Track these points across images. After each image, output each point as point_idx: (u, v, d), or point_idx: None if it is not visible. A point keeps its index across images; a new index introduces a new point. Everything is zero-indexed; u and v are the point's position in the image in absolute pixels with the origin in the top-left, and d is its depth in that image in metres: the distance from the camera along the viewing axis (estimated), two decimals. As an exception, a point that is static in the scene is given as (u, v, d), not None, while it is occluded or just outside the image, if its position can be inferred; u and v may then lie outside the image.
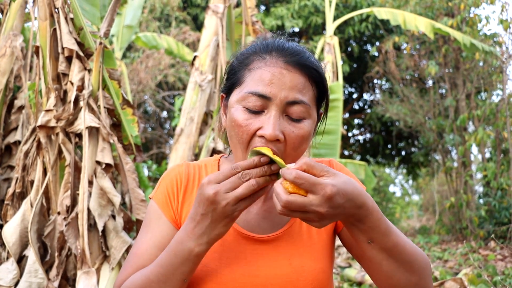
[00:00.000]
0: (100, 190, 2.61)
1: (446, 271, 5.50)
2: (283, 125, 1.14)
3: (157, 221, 1.30)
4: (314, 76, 1.18)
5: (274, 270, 1.22)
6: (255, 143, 1.15)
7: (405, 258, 1.10)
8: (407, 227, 16.27)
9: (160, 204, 1.31)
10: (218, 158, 1.42)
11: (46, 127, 2.80)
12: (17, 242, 2.80)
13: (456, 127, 9.60)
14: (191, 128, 4.46)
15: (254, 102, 1.14)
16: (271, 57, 1.17)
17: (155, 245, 1.26)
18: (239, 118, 1.16)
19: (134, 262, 1.25)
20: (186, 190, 1.32)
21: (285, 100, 1.13)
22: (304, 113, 1.16)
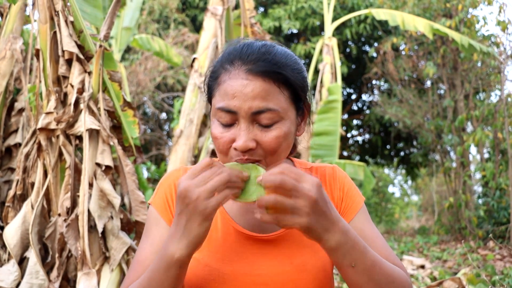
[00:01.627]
0: (100, 192, 2.63)
1: (445, 271, 5.52)
2: (254, 132, 1.16)
3: (156, 226, 1.31)
4: (280, 79, 1.17)
5: (276, 269, 1.24)
6: (231, 154, 1.18)
7: (384, 280, 1.14)
8: (406, 228, 16.29)
9: (159, 209, 1.32)
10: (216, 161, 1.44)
11: (46, 130, 2.81)
12: (18, 243, 2.81)
13: (454, 128, 9.63)
14: (190, 130, 4.47)
15: (224, 118, 1.17)
16: (234, 68, 1.17)
17: (154, 251, 1.28)
18: (215, 132, 1.20)
19: (136, 269, 1.27)
20: None
21: (249, 111, 1.14)
22: (274, 118, 1.16)
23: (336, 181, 1.39)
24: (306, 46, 12.46)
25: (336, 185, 1.38)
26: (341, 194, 1.37)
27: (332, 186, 1.38)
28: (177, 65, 8.19)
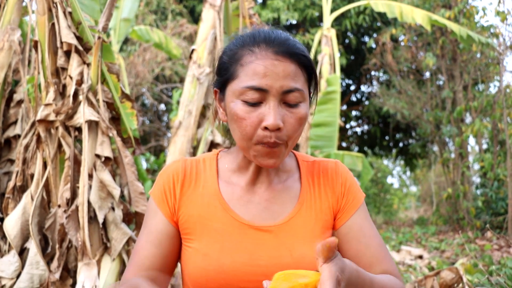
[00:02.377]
0: (100, 183, 2.64)
1: (443, 261, 5.55)
2: (282, 112, 1.19)
3: (154, 217, 1.33)
4: (303, 62, 1.22)
5: (275, 260, 1.25)
6: (259, 135, 1.19)
7: None
8: (404, 218, 16.34)
9: (157, 201, 1.34)
10: (217, 152, 1.45)
11: (45, 121, 2.82)
12: (18, 234, 2.83)
13: (453, 119, 9.64)
14: (189, 121, 4.47)
15: (252, 95, 1.18)
16: (260, 50, 1.20)
17: (149, 241, 1.30)
18: (240, 112, 1.20)
19: (134, 260, 1.30)
20: (183, 186, 1.34)
21: (281, 90, 1.18)
22: (299, 98, 1.21)
23: (338, 176, 1.40)
24: (305, 37, 12.43)
25: (338, 180, 1.39)
26: (343, 190, 1.38)
27: (334, 181, 1.39)
28: (176, 57, 8.17)
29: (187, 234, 1.30)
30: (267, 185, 1.35)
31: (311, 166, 1.41)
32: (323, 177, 1.39)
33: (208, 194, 1.32)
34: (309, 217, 1.32)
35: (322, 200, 1.35)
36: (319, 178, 1.39)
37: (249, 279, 1.24)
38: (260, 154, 1.21)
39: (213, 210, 1.30)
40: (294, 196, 1.34)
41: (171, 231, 1.32)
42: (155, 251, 1.28)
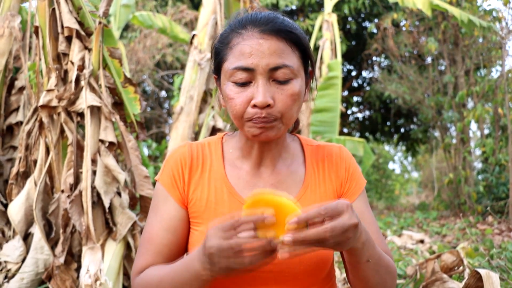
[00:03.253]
0: (104, 168, 2.65)
1: (444, 245, 5.57)
2: (272, 90, 1.20)
3: (164, 203, 1.33)
4: (292, 38, 1.22)
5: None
6: (249, 113, 1.20)
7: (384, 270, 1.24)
8: (406, 204, 16.40)
9: (166, 186, 1.34)
10: (222, 136, 1.45)
11: (48, 107, 2.82)
12: (22, 220, 2.85)
13: (455, 104, 9.61)
14: (191, 107, 4.48)
15: (241, 76, 1.20)
16: (246, 31, 1.21)
17: (164, 228, 1.30)
18: (231, 92, 1.22)
19: (147, 247, 1.30)
20: (191, 170, 1.35)
21: (267, 67, 1.18)
22: (289, 75, 1.21)
23: (342, 161, 1.41)
24: (305, 23, 12.36)
25: (342, 165, 1.40)
26: (346, 175, 1.39)
27: (338, 165, 1.40)
28: (184, 41, 8.02)
29: (195, 218, 1.31)
30: (272, 169, 1.36)
31: (315, 151, 1.42)
32: (327, 162, 1.40)
33: (215, 178, 1.33)
34: (314, 200, 1.33)
35: (327, 184, 1.36)
36: (324, 163, 1.39)
37: None
38: (253, 129, 1.22)
39: (220, 195, 1.31)
40: (299, 180, 1.35)
41: (184, 216, 1.33)
42: (172, 238, 1.29)
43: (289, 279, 1.28)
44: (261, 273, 1.25)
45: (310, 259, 1.27)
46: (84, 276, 2.38)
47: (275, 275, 1.27)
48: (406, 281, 3.33)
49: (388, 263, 1.27)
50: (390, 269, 1.28)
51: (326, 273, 1.34)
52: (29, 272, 2.70)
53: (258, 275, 1.26)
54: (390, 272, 1.28)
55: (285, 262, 1.25)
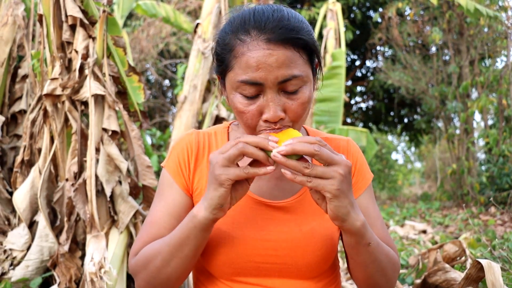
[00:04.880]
0: (107, 156, 2.66)
1: (446, 236, 5.59)
2: (282, 101, 1.16)
3: (170, 189, 1.33)
4: (299, 44, 1.16)
5: (285, 235, 1.27)
6: (261, 126, 1.18)
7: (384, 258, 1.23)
8: (409, 194, 16.40)
9: (172, 173, 1.34)
10: (228, 125, 1.45)
11: (52, 96, 2.82)
12: (27, 208, 2.87)
13: (459, 94, 9.58)
14: (194, 96, 4.47)
15: (249, 90, 1.15)
16: (251, 39, 1.15)
17: (168, 213, 1.30)
18: (239, 105, 1.18)
19: (149, 230, 1.30)
20: (197, 158, 1.35)
21: (276, 81, 1.13)
22: (299, 84, 1.17)
23: (349, 155, 1.40)
24: (310, 11, 12.29)
25: (349, 159, 1.40)
26: (353, 169, 1.38)
27: None
28: (188, 31, 8.00)
29: None
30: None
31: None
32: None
33: None
34: None
35: None
36: None
37: (259, 253, 1.26)
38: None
39: None
40: None
41: (188, 202, 1.33)
42: (175, 223, 1.28)
43: (293, 270, 1.28)
44: (265, 265, 1.26)
45: (314, 252, 1.28)
46: (88, 264, 2.39)
47: (279, 266, 1.27)
48: (408, 270, 3.35)
49: (390, 254, 1.27)
50: (392, 260, 1.28)
51: (329, 264, 1.34)
52: (34, 260, 2.72)
53: (262, 267, 1.27)
54: (392, 263, 1.27)
55: (288, 255, 1.26)
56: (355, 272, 1.28)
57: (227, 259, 1.27)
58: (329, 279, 1.37)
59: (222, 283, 1.31)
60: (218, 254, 1.27)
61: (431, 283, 2.53)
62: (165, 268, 1.21)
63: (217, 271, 1.31)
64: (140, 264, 1.27)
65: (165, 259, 1.21)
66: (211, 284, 1.33)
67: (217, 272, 1.31)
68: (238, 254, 1.26)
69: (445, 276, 2.46)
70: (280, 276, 1.29)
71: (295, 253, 1.27)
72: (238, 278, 1.29)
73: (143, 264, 1.25)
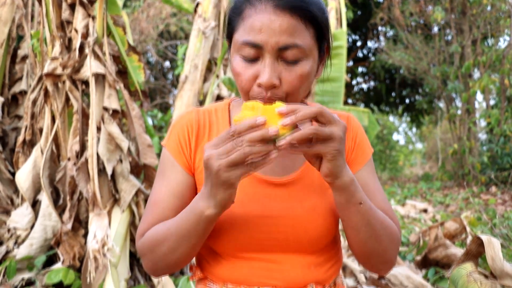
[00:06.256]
0: (108, 135, 2.66)
1: (447, 215, 5.62)
2: (279, 69, 1.15)
3: (171, 169, 1.33)
4: (308, 16, 1.14)
5: (286, 212, 1.27)
6: (254, 91, 1.17)
7: (379, 225, 1.21)
8: (410, 175, 16.43)
9: (173, 152, 1.33)
10: (229, 101, 1.44)
11: (52, 75, 2.82)
12: (30, 187, 2.89)
13: (461, 74, 9.53)
14: (195, 75, 4.45)
15: (248, 51, 1.14)
16: (260, 3, 1.14)
17: (171, 193, 1.30)
18: (238, 67, 1.18)
19: (153, 211, 1.30)
20: (198, 136, 1.34)
21: (276, 46, 1.12)
22: (299, 55, 1.15)
23: (349, 130, 1.39)
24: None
25: (350, 134, 1.39)
26: (353, 144, 1.38)
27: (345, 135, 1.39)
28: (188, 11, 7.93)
29: (201, 185, 1.32)
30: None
31: None
32: None
33: None
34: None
35: None
36: None
37: (261, 230, 1.26)
38: None
39: None
40: None
41: (191, 182, 1.32)
42: (178, 203, 1.28)
43: (295, 246, 1.29)
44: (267, 241, 1.27)
45: (316, 228, 1.28)
46: (91, 242, 2.41)
47: (280, 242, 1.28)
48: (409, 248, 3.37)
49: (386, 222, 1.25)
50: (389, 228, 1.26)
51: (331, 239, 1.35)
52: (38, 238, 2.75)
53: (264, 243, 1.27)
54: (388, 232, 1.25)
55: (291, 231, 1.27)
56: (350, 239, 1.28)
57: (230, 236, 1.27)
58: (330, 253, 1.37)
59: (225, 260, 1.32)
60: (221, 232, 1.27)
61: (431, 258, 2.55)
62: (171, 254, 1.22)
63: (221, 248, 1.31)
64: (146, 247, 1.27)
65: (172, 247, 1.21)
66: (215, 261, 1.34)
67: (220, 249, 1.32)
68: (241, 231, 1.27)
69: (445, 252, 2.48)
70: (283, 251, 1.30)
71: (297, 229, 1.28)
72: (241, 254, 1.30)
73: (149, 248, 1.26)
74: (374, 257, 1.28)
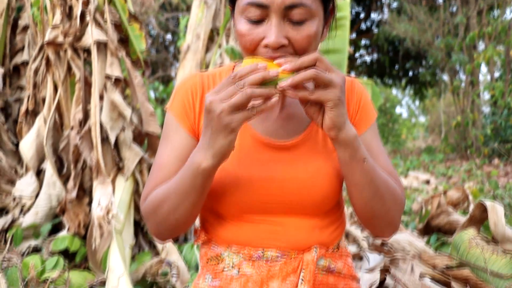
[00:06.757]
0: (111, 104, 2.66)
1: (449, 186, 5.64)
2: (286, 29, 1.13)
3: (176, 133, 1.32)
4: None
5: (291, 174, 1.27)
6: (259, 52, 1.16)
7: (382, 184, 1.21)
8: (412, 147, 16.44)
9: (177, 116, 1.33)
10: (233, 65, 1.43)
11: (54, 44, 2.80)
12: (34, 156, 2.90)
13: (465, 46, 9.44)
14: (197, 45, 4.42)
15: (254, 12, 1.13)
16: None
17: (175, 157, 1.30)
18: (242, 29, 1.16)
19: (157, 175, 1.30)
20: (202, 100, 1.33)
21: (282, 5, 1.11)
22: (305, 15, 1.13)
23: (353, 94, 1.39)
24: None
25: (354, 97, 1.38)
26: (357, 107, 1.37)
27: (349, 98, 1.37)
28: None
29: None
30: (282, 103, 1.34)
31: None
32: None
33: None
34: (323, 133, 1.32)
35: None
36: None
37: (265, 193, 1.27)
38: None
39: None
40: None
41: (195, 145, 1.32)
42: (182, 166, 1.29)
43: (299, 208, 1.29)
44: (271, 204, 1.27)
45: (320, 191, 1.28)
46: (96, 209, 2.43)
47: (285, 205, 1.28)
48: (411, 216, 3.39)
49: (390, 182, 1.24)
50: (392, 190, 1.25)
51: (335, 202, 1.35)
52: (43, 207, 2.77)
53: (268, 206, 1.28)
54: (392, 193, 1.25)
55: (294, 194, 1.27)
56: (353, 198, 1.28)
57: (234, 198, 1.28)
58: (334, 217, 1.38)
59: (229, 222, 1.33)
60: (225, 194, 1.28)
61: (434, 225, 2.57)
62: (172, 214, 1.23)
63: (225, 211, 1.32)
64: (149, 210, 1.28)
65: (172, 207, 1.22)
66: (219, 223, 1.35)
67: (224, 212, 1.32)
68: (245, 193, 1.27)
69: (448, 218, 2.50)
70: (287, 214, 1.30)
71: (301, 191, 1.28)
72: (245, 216, 1.31)
73: (152, 210, 1.27)
74: (378, 218, 1.28)
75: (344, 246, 1.43)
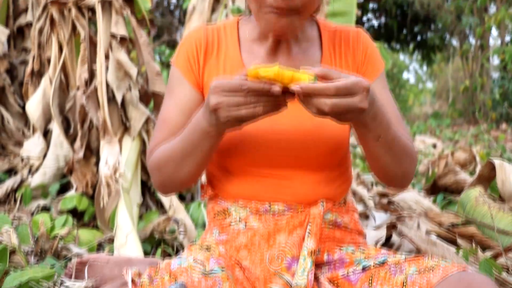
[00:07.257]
0: (116, 63, 2.64)
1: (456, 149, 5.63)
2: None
3: (180, 86, 1.32)
4: None
5: (296, 126, 1.27)
6: (269, 1, 1.14)
7: (399, 151, 1.21)
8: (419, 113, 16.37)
9: (182, 70, 1.32)
10: (238, 19, 1.41)
11: (58, 2, 2.77)
12: (40, 116, 2.91)
13: (476, 8, 9.25)
14: (203, 6, 4.34)
15: None
16: None
17: (180, 110, 1.30)
18: None
19: (162, 129, 1.31)
20: (206, 54, 1.33)
21: None
22: None
23: (359, 44, 1.37)
24: None
25: (359, 48, 1.37)
26: (363, 58, 1.36)
27: (355, 48, 1.36)
28: None
29: None
30: (287, 55, 1.33)
31: (332, 34, 1.38)
32: (344, 45, 1.36)
33: (231, 63, 1.31)
34: None
35: (343, 68, 1.34)
36: (340, 47, 1.36)
37: (272, 146, 1.27)
38: (270, 23, 1.18)
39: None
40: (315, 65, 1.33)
41: (199, 99, 1.32)
42: (187, 120, 1.27)
43: (305, 162, 1.30)
44: (277, 157, 1.27)
45: (326, 143, 1.28)
46: (103, 168, 2.45)
47: (291, 158, 1.29)
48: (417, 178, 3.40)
49: (406, 145, 1.26)
50: (408, 150, 1.26)
51: (340, 157, 1.35)
52: (50, 167, 2.80)
53: (275, 159, 1.28)
54: (408, 155, 1.26)
55: (300, 147, 1.27)
56: (370, 164, 1.29)
57: (241, 152, 1.28)
58: (340, 171, 1.38)
59: (236, 177, 1.33)
60: (232, 149, 1.28)
61: (441, 185, 2.57)
62: (178, 172, 1.24)
63: (231, 165, 1.33)
64: (154, 166, 1.29)
65: (178, 165, 1.23)
66: (225, 178, 1.36)
67: (231, 166, 1.33)
68: (251, 147, 1.27)
69: (455, 177, 2.50)
70: (293, 167, 1.31)
71: (307, 144, 1.28)
72: (251, 170, 1.31)
73: (157, 167, 1.27)
74: (394, 178, 1.30)
75: (351, 201, 1.44)
